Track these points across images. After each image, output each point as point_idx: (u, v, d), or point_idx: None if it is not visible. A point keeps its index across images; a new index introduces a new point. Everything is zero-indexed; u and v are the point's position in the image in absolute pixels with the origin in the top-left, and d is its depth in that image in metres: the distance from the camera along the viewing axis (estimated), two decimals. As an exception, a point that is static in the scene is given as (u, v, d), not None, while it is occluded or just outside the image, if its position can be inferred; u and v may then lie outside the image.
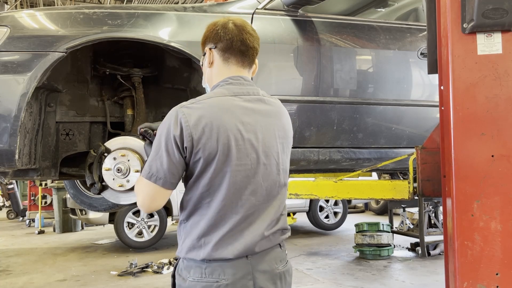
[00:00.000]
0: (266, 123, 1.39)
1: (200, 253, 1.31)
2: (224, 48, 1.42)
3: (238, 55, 1.43)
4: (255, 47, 1.45)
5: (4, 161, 1.97)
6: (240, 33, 1.41)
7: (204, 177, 1.31)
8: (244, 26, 1.44)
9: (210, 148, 1.28)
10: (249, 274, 1.32)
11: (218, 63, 1.45)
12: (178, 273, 1.38)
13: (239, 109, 1.35)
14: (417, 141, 2.72)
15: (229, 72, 1.43)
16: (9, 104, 1.94)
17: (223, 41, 1.41)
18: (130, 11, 2.25)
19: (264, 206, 1.37)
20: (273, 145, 1.40)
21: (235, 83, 1.41)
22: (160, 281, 5.03)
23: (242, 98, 1.38)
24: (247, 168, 1.33)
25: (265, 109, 1.42)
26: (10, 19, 2.09)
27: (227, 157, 1.30)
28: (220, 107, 1.33)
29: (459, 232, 1.66)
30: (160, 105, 2.57)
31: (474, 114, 1.69)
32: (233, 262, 1.31)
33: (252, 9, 2.44)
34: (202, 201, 1.33)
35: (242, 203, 1.33)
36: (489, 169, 1.66)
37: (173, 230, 8.56)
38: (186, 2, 12.74)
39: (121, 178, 2.07)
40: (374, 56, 2.71)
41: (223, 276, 1.30)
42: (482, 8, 1.63)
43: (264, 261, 1.36)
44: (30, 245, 7.48)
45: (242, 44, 1.41)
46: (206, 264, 1.31)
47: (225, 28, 1.42)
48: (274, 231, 1.40)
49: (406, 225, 6.74)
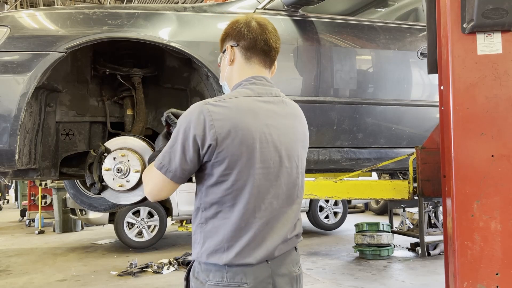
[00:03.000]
0: (288, 125, 1.38)
1: (223, 258, 1.28)
2: (247, 47, 1.39)
3: (261, 55, 1.40)
4: (277, 47, 1.44)
5: (4, 161, 1.96)
6: (264, 32, 1.39)
7: (227, 180, 1.27)
8: (267, 25, 1.41)
9: (234, 149, 1.25)
10: (269, 277, 1.31)
11: (240, 62, 1.41)
12: (194, 276, 1.35)
13: (263, 111, 1.32)
14: (417, 141, 2.72)
15: (251, 71, 1.40)
16: (9, 104, 1.94)
17: (246, 40, 1.39)
18: (130, 11, 2.25)
19: (284, 210, 1.35)
20: (294, 148, 1.38)
21: (258, 83, 1.38)
22: (160, 281, 5.03)
23: (266, 99, 1.36)
24: (270, 171, 1.31)
25: (287, 112, 1.40)
26: (10, 19, 2.09)
27: (251, 159, 1.26)
28: (246, 108, 1.30)
29: (459, 232, 1.66)
30: (160, 105, 2.57)
31: (474, 114, 1.69)
32: (255, 266, 1.29)
33: (252, 9, 2.44)
34: (224, 205, 1.29)
35: (265, 207, 1.30)
36: (489, 169, 1.66)
37: (173, 230, 8.56)
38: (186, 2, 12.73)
39: (121, 178, 2.07)
40: (374, 56, 2.72)
41: (245, 280, 1.27)
42: (482, 8, 1.63)
43: (283, 264, 1.35)
44: (30, 245, 7.48)
45: (265, 44, 1.39)
46: (228, 268, 1.28)
47: (248, 26, 1.39)
48: (291, 236, 1.38)
49: (406, 225, 6.74)
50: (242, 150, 1.25)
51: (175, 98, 2.57)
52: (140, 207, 6.79)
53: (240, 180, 1.27)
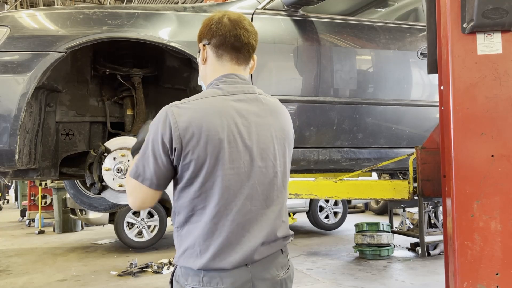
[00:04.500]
0: (261, 123, 1.33)
1: (196, 262, 1.26)
2: (217, 44, 1.35)
3: (232, 52, 1.36)
4: (250, 42, 1.38)
5: (4, 161, 1.96)
6: (234, 28, 1.34)
7: (195, 182, 1.25)
8: (240, 21, 1.36)
9: (199, 151, 1.22)
10: (249, 282, 1.28)
11: (212, 60, 1.38)
12: (175, 280, 1.34)
13: (232, 110, 1.29)
14: (417, 141, 2.72)
15: (223, 69, 1.37)
16: (9, 104, 1.94)
17: (216, 37, 1.35)
18: (130, 11, 2.25)
19: (262, 211, 1.31)
20: (269, 147, 1.33)
21: (229, 82, 1.35)
22: (160, 281, 5.03)
23: (236, 97, 1.32)
24: (241, 171, 1.27)
25: (261, 109, 1.35)
26: (10, 19, 2.09)
27: (218, 160, 1.23)
28: (212, 107, 1.27)
29: (459, 232, 1.66)
30: (160, 105, 2.56)
31: (474, 114, 1.69)
32: (232, 271, 1.26)
33: (252, 9, 2.44)
34: (195, 208, 1.27)
35: (237, 209, 1.26)
36: (489, 169, 1.65)
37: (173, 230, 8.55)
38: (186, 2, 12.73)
39: (121, 178, 2.07)
40: (374, 56, 2.71)
41: (221, 284, 1.25)
42: (482, 8, 1.63)
43: (265, 268, 1.31)
44: (30, 245, 7.48)
45: (236, 40, 1.34)
46: (204, 272, 1.26)
47: (219, 23, 1.35)
48: (275, 239, 1.34)
49: (406, 225, 6.74)
50: (208, 151, 1.22)
51: (175, 98, 2.54)
52: (140, 207, 6.77)
53: (209, 182, 1.24)
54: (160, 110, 1.27)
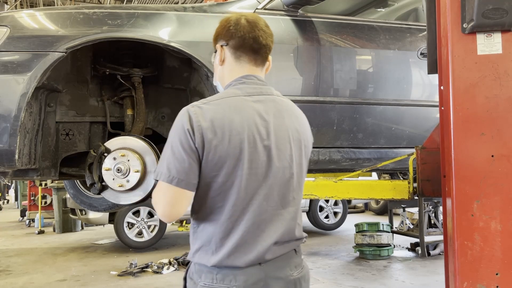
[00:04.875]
0: (279, 124, 1.34)
1: (211, 260, 1.27)
2: (236, 46, 1.37)
3: (250, 53, 1.37)
4: (268, 44, 1.39)
5: (4, 161, 1.96)
6: (253, 30, 1.35)
7: (215, 181, 1.26)
8: (257, 22, 1.37)
9: (221, 150, 1.23)
10: (262, 280, 1.28)
11: (230, 61, 1.39)
12: (189, 277, 1.35)
13: (251, 110, 1.30)
14: (417, 141, 2.72)
15: (242, 70, 1.38)
16: (9, 104, 1.94)
17: (234, 38, 1.36)
18: (130, 11, 2.25)
19: (278, 212, 1.32)
20: (286, 148, 1.34)
21: (248, 83, 1.36)
22: (160, 281, 5.03)
23: (255, 98, 1.33)
24: (258, 171, 1.28)
25: (278, 110, 1.36)
26: (10, 19, 2.09)
27: (239, 160, 1.25)
28: (233, 108, 1.28)
29: (459, 232, 1.66)
30: (160, 105, 2.57)
31: (474, 114, 1.68)
32: (245, 268, 1.27)
33: (252, 9, 2.44)
34: (214, 206, 1.28)
35: (254, 209, 1.28)
36: (489, 169, 1.65)
37: (173, 230, 8.56)
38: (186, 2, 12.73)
39: (121, 178, 2.07)
40: (374, 56, 2.71)
41: (235, 282, 1.26)
42: (482, 8, 1.63)
43: (278, 268, 1.32)
44: (30, 245, 7.48)
45: (255, 42, 1.36)
46: (217, 270, 1.27)
47: (237, 24, 1.36)
48: (288, 239, 1.34)
49: (406, 225, 6.75)
50: (230, 151, 1.24)
51: (175, 98, 2.57)
52: (140, 207, 6.78)
53: (228, 181, 1.25)
54: (180, 112, 1.27)
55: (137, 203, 2.22)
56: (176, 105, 2.56)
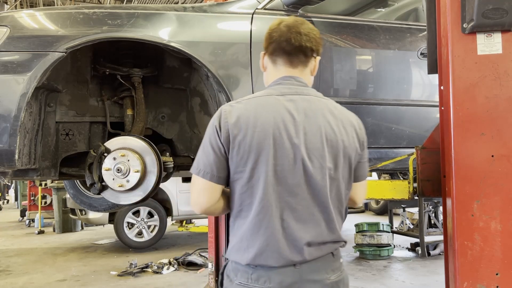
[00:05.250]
0: (311, 124, 1.32)
1: (244, 257, 1.29)
2: (271, 51, 1.42)
3: (284, 55, 1.40)
4: (303, 45, 1.38)
5: (4, 161, 1.96)
6: (288, 33, 1.37)
7: (242, 177, 1.29)
8: (294, 25, 1.39)
9: (245, 145, 1.26)
10: (297, 283, 1.28)
11: (269, 66, 1.45)
12: (226, 274, 1.37)
13: (282, 108, 1.31)
14: (417, 141, 2.71)
15: (279, 73, 1.42)
16: (9, 104, 1.94)
17: (271, 44, 1.41)
18: (130, 11, 2.24)
19: (308, 211, 1.30)
20: (317, 147, 1.31)
21: (284, 83, 1.39)
22: (160, 281, 5.03)
23: (289, 97, 1.34)
24: (285, 168, 1.28)
25: (312, 110, 1.35)
26: (10, 19, 2.09)
27: (263, 156, 1.26)
28: (261, 105, 1.32)
29: (459, 232, 1.66)
30: (160, 105, 2.57)
31: (474, 114, 1.68)
32: (279, 269, 1.27)
33: (252, 9, 2.43)
34: (243, 203, 1.30)
35: (281, 206, 1.28)
36: (489, 169, 1.65)
37: (173, 230, 8.56)
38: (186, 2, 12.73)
39: (121, 178, 2.07)
40: (374, 56, 2.71)
41: (269, 283, 1.26)
42: (482, 8, 1.63)
43: (314, 270, 1.31)
44: (30, 245, 7.48)
45: (287, 44, 1.38)
46: (252, 269, 1.28)
47: (275, 31, 1.40)
48: (323, 241, 1.33)
49: (406, 225, 6.75)
50: (253, 146, 1.26)
51: (175, 98, 2.57)
52: (140, 207, 6.79)
53: (254, 177, 1.27)
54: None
55: (137, 203, 2.22)
56: (176, 105, 2.56)
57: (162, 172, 2.17)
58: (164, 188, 6.82)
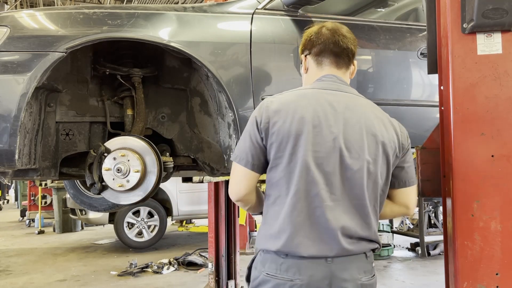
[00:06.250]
0: (351, 116, 1.34)
1: (275, 243, 1.29)
2: (317, 52, 1.45)
3: (331, 57, 1.45)
4: (349, 48, 1.46)
5: (4, 161, 1.96)
6: (333, 36, 1.44)
7: (281, 162, 1.31)
8: (338, 28, 1.46)
9: (284, 130, 1.29)
10: (327, 278, 1.27)
11: (312, 68, 1.48)
12: (254, 266, 1.38)
13: (323, 100, 1.35)
14: (417, 141, 2.71)
15: (322, 73, 1.46)
16: (9, 104, 1.94)
17: (316, 46, 1.45)
18: (130, 11, 2.24)
19: (342, 203, 1.30)
20: (356, 139, 1.32)
21: (327, 80, 1.43)
22: (160, 281, 5.03)
23: (330, 92, 1.38)
24: (321, 155, 1.28)
25: (353, 104, 1.38)
26: (10, 19, 2.08)
27: (301, 140, 1.28)
28: (302, 95, 1.36)
29: (459, 232, 1.66)
30: (160, 105, 2.57)
31: (474, 114, 1.68)
32: (310, 262, 1.26)
33: (252, 9, 2.43)
34: (281, 189, 1.31)
35: (317, 193, 1.27)
36: (489, 169, 1.65)
37: (173, 230, 8.56)
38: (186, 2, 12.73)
39: (121, 178, 2.07)
40: (374, 56, 2.71)
41: (298, 275, 1.25)
42: (482, 8, 1.63)
43: (345, 268, 1.30)
44: (30, 245, 7.48)
45: (335, 46, 1.43)
46: (282, 259, 1.28)
47: (318, 34, 1.45)
48: (357, 237, 1.32)
49: (406, 225, 6.75)
50: (291, 130, 1.29)
51: (175, 98, 2.57)
52: (140, 207, 6.79)
53: (292, 162, 1.29)
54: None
55: (137, 203, 2.22)
56: (176, 105, 2.56)
57: (162, 172, 2.17)
58: (164, 188, 6.83)
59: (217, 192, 4.33)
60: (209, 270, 4.29)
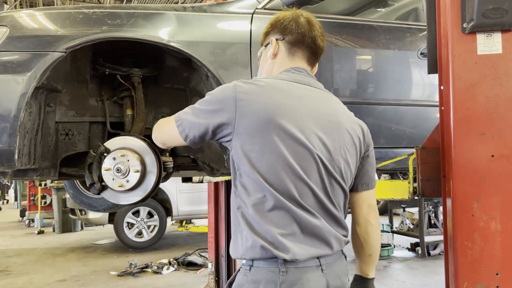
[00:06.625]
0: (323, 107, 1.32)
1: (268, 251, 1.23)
2: (293, 42, 1.39)
3: (306, 51, 1.40)
4: (323, 46, 1.43)
5: (4, 161, 1.96)
6: (312, 30, 1.39)
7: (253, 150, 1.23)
8: (314, 23, 1.41)
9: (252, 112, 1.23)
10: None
11: (283, 56, 1.41)
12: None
13: (292, 91, 1.30)
14: (417, 141, 2.71)
15: (292, 64, 1.40)
16: (9, 104, 1.94)
17: (293, 35, 1.39)
18: (130, 11, 2.24)
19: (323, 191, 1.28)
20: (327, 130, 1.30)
21: (296, 73, 1.37)
22: (160, 281, 5.03)
23: (301, 86, 1.33)
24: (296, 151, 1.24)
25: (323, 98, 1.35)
26: (9, 19, 2.08)
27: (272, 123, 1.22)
28: (275, 87, 1.29)
29: (459, 232, 1.66)
30: (159, 105, 2.57)
31: (474, 114, 1.68)
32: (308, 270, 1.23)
33: (252, 9, 2.43)
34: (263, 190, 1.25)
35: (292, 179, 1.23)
36: (489, 169, 1.65)
37: (173, 230, 8.56)
38: (186, 2, 12.73)
39: (121, 178, 2.06)
40: (374, 56, 2.71)
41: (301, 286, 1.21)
42: (482, 8, 1.63)
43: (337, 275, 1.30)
44: (29, 245, 7.48)
45: (313, 42, 1.39)
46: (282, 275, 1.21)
47: (296, 21, 1.39)
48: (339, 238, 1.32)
49: (406, 225, 6.75)
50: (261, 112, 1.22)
51: (175, 98, 2.56)
52: (140, 207, 6.79)
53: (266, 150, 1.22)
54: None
55: (137, 203, 2.21)
56: (176, 105, 2.55)
57: (162, 172, 2.16)
58: (164, 188, 6.83)
59: (217, 192, 4.33)
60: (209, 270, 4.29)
